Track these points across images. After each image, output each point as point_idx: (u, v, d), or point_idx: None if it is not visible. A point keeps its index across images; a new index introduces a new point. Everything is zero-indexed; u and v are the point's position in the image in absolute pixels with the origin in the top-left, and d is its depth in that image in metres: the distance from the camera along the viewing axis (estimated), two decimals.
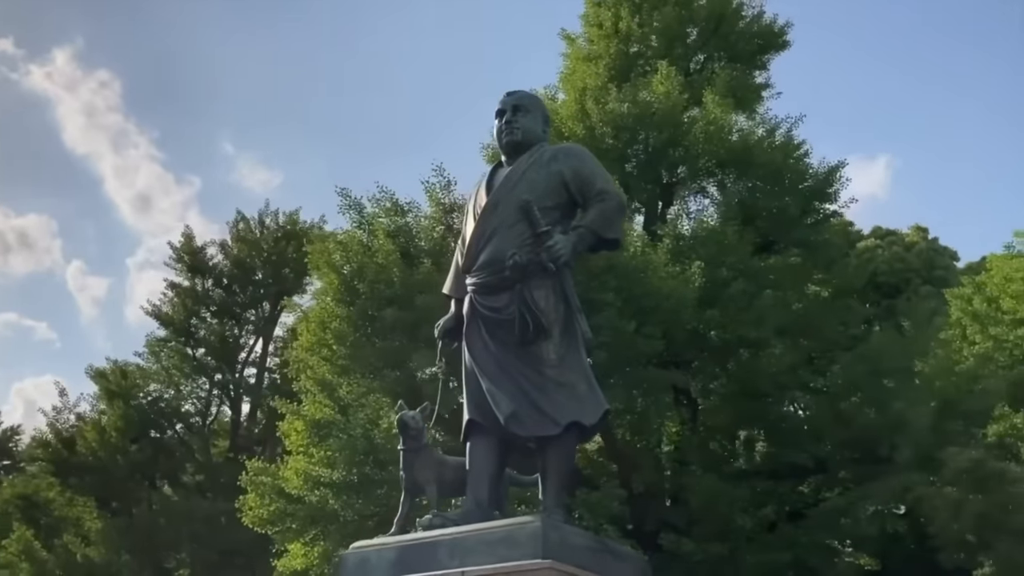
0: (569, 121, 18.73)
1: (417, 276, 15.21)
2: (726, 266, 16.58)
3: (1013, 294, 23.06)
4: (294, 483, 15.04)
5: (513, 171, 6.66)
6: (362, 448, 14.46)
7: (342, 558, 6.27)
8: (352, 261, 16.05)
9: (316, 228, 16.80)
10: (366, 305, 15.51)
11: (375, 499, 15.09)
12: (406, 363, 15.17)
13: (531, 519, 5.82)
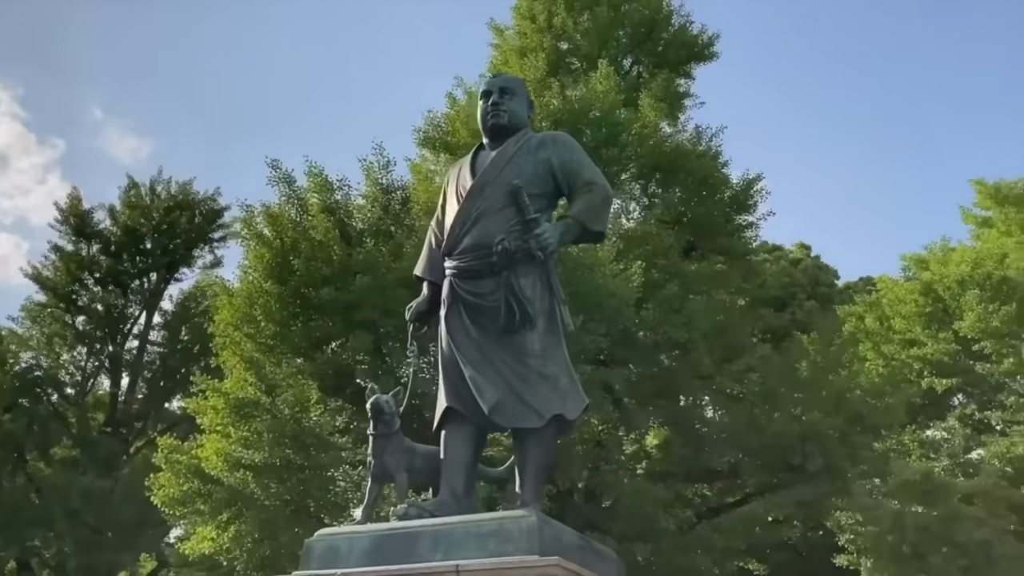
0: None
1: (358, 256, 14.77)
2: (657, 268, 16.77)
3: (905, 315, 24.30)
4: (213, 463, 14.38)
5: (500, 154, 6.49)
6: (290, 431, 13.95)
7: (307, 546, 5.92)
8: (285, 236, 15.45)
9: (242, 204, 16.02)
10: (299, 283, 14.95)
11: (295, 484, 14.64)
12: (339, 345, 14.73)
13: (524, 513, 5.64)
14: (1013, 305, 21.76)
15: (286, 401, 14.00)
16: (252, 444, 14.45)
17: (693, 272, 17.42)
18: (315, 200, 16.17)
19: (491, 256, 6.15)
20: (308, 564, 5.90)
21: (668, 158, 18.77)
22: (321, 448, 14.34)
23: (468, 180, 6.52)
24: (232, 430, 14.91)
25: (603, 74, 18.82)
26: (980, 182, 26.79)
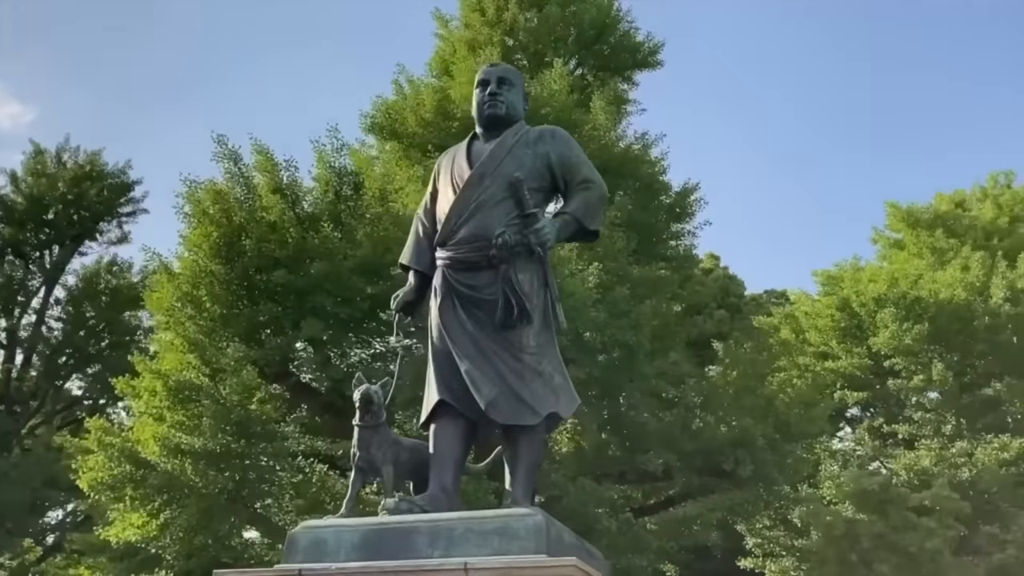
0: (464, 103, 18.39)
1: (312, 241, 14.37)
2: (606, 271, 16.86)
3: (821, 328, 25.14)
4: (151, 448, 13.75)
5: (499, 146, 6.41)
6: (236, 417, 13.45)
7: (290, 538, 5.73)
8: (234, 215, 14.89)
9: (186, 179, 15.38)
10: (249, 265, 14.45)
11: (233, 472, 14.13)
12: (289, 331, 14.30)
13: (529, 511, 5.55)
14: (925, 324, 22.75)
15: (232, 387, 13.48)
16: (191, 429, 13.88)
17: (637, 276, 17.58)
18: (264, 180, 15.67)
19: (489, 248, 6.07)
20: (292, 557, 5.69)
21: (616, 161, 18.90)
22: (265, 437, 13.87)
23: (465, 170, 6.40)
24: (168, 414, 14.30)
25: (558, 73, 18.85)
26: (894, 205, 28.00)
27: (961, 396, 22.77)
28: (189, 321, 14.38)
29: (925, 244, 25.63)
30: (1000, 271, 23.49)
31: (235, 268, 14.55)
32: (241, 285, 14.66)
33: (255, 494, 14.70)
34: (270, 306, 14.44)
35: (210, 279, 14.62)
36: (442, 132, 18.60)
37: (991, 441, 20.77)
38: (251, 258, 14.36)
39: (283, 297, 14.49)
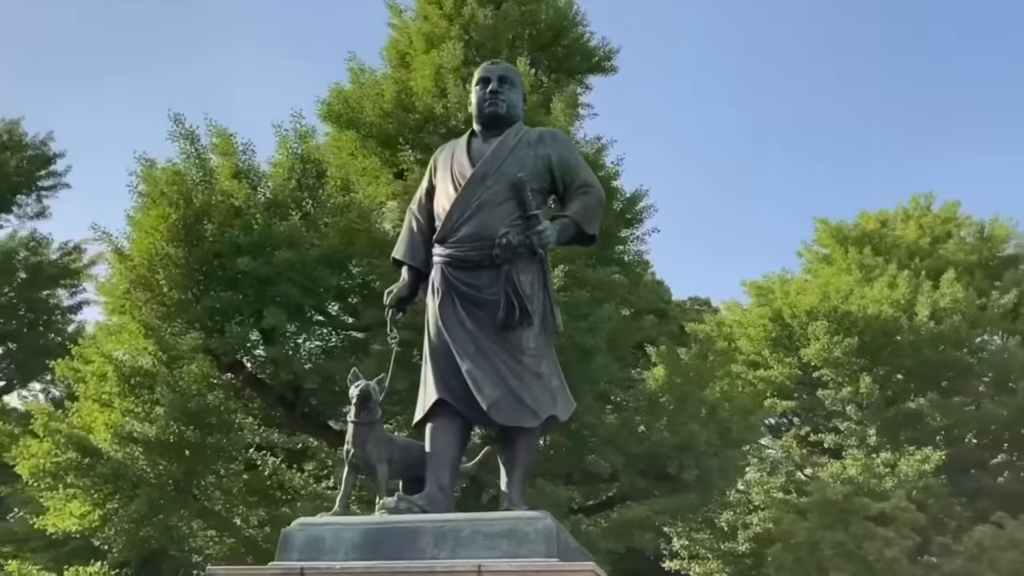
0: (426, 96, 18.21)
1: (278, 228, 14.00)
2: (566, 274, 16.91)
3: (753, 338, 25.74)
4: (102, 435, 13.18)
5: (501, 145, 6.39)
6: (195, 407, 13.02)
7: (284, 535, 5.60)
8: (194, 197, 14.40)
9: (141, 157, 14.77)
10: (211, 250, 13.99)
11: (185, 463, 13.68)
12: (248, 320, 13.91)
13: (538, 514, 5.56)
14: (855, 339, 23.52)
15: (190, 375, 13.03)
16: (142, 417, 13.37)
17: (595, 279, 17.68)
18: (223, 163, 15.21)
19: (491, 248, 6.04)
20: (287, 555, 5.56)
21: None
22: (220, 428, 13.45)
23: (466, 167, 6.36)
24: (118, 400, 13.75)
25: (522, 72, 18.81)
26: (824, 221, 28.87)
27: (886, 409, 23.61)
28: (145, 305, 13.83)
29: (853, 260, 26.48)
30: (925, 290, 24.43)
31: (195, 253, 14.06)
32: (200, 270, 14.17)
33: (205, 486, 14.27)
34: (230, 293, 14.00)
35: (167, 263, 14.10)
36: (401, 123, 18.39)
37: (914, 453, 21.59)
38: (213, 243, 13.88)
39: (244, 285, 14.07)
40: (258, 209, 14.08)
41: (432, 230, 6.54)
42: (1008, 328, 24.97)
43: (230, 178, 14.90)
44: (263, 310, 13.83)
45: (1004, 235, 28.25)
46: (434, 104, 17.92)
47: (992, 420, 22.90)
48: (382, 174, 17.28)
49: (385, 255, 14.61)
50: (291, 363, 13.84)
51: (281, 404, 14.98)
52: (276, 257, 13.63)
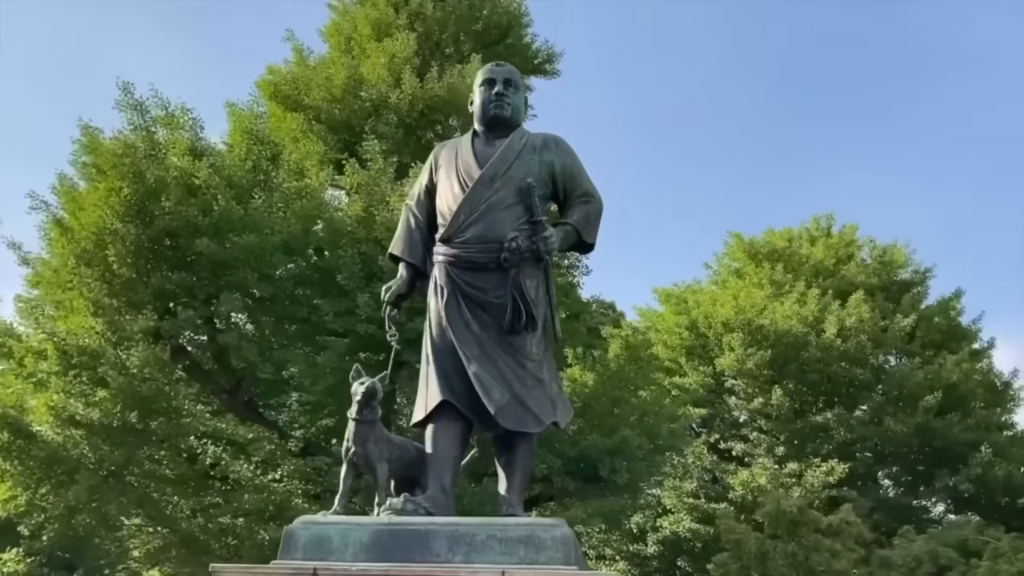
0: (380, 85, 17.91)
1: (239, 211, 13.51)
2: None
3: (670, 345, 26.33)
4: (41, 417, 12.45)
5: (508, 148, 6.42)
6: (147, 391, 12.45)
7: (288, 533, 5.48)
8: (148, 172, 13.74)
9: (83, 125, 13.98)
10: (165, 228, 13.39)
11: (127, 450, 13.09)
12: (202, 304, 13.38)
13: (554, 522, 5.62)
14: (768, 352, 24.34)
15: (143, 358, 12.45)
16: (83, 399, 12.71)
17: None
18: (178, 139, 14.56)
19: (499, 251, 6.05)
20: (291, 553, 5.45)
21: None
22: (166, 415, 12.91)
23: (473, 167, 6.36)
24: (55, 380, 13.03)
25: (473, 69, 18.72)
26: (738, 236, 29.75)
27: (794, 421, 24.53)
28: (94, 283, 13.12)
29: (765, 276, 27.37)
30: (833, 309, 25.47)
31: (146, 231, 13.43)
32: (151, 249, 13.55)
33: (142, 473, 13.68)
34: (182, 275, 13.44)
35: (116, 240, 13.42)
36: (351, 110, 18.03)
37: (819, 465, 22.52)
38: (170, 221, 13.29)
39: (198, 267, 13.53)
40: (219, 189, 13.53)
41: (431, 228, 6.51)
42: (905, 349, 26.25)
43: (183, 155, 14.29)
44: (218, 295, 13.34)
45: (901, 260, 29.69)
46: (388, 93, 17.66)
47: (891, 436, 24.07)
48: (327, 160, 16.86)
49: (342, 245, 14.45)
50: (243, 351, 13.39)
51: (224, 392, 14.48)
52: (239, 241, 13.15)
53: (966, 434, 23.98)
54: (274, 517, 13.45)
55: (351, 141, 18.24)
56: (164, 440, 13.19)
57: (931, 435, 23.87)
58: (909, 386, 24.54)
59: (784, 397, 23.92)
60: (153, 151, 14.39)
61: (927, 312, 27.74)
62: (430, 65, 18.77)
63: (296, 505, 13.31)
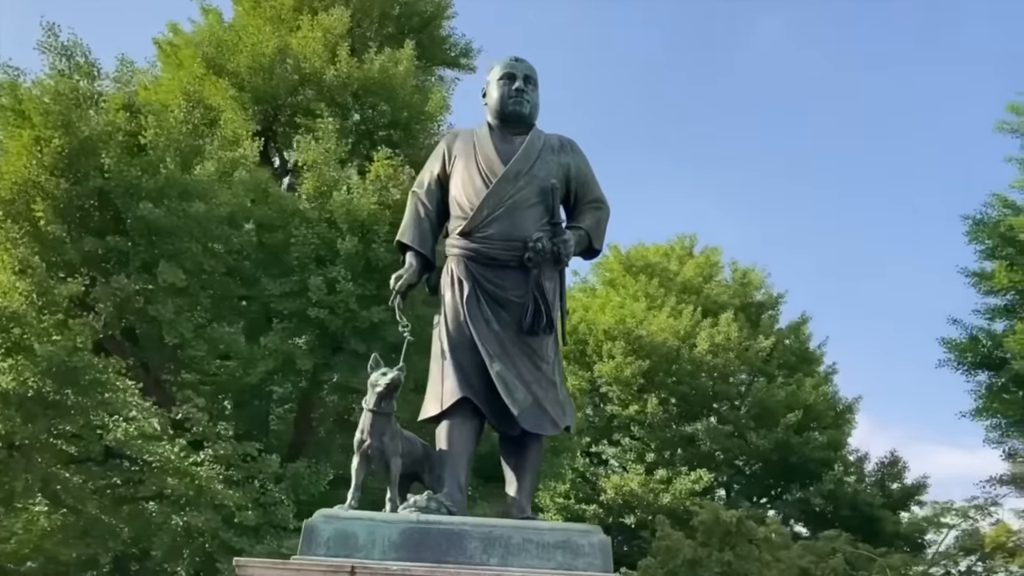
0: (315, 59, 17.22)
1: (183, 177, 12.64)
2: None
3: None
4: None
5: (530, 147, 6.42)
6: (78, 362, 11.46)
7: (309, 527, 5.33)
8: (82, 124, 12.64)
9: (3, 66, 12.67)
10: (100, 187, 12.36)
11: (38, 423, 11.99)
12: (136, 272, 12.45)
13: (589, 528, 5.75)
14: (646, 362, 25.13)
15: (75, 326, 11.43)
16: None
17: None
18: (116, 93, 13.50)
19: (523, 250, 6.04)
20: (312, 548, 5.29)
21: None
22: (91, 389, 11.91)
23: (495, 162, 6.33)
24: None
25: (407, 55, 18.37)
26: (615, 248, 30.54)
27: (664, 429, 25.40)
28: (21, 240, 11.93)
29: (641, 289, 28.22)
30: (705, 326, 26.60)
31: (78, 188, 12.35)
32: (82, 208, 12.48)
33: (47, 447, 12.57)
34: (117, 239, 12.45)
35: (42, 194, 12.28)
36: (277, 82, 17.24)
37: (688, 473, 23.45)
38: (107, 180, 12.27)
39: (135, 233, 12.57)
40: (167, 152, 12.61)
41: (441, 218, 6.44)
42: (763, 369, 27.70)
43: (118, 110, 13.25)
44: (155, 263, 12.45)
45: (758, 283, 31.34)
46: (324, 69, 17.03)
47: (753, 450, 25.36)
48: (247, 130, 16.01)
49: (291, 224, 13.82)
50: (177, 325, 12.55)
51: (143, 368, 13.55)
52: (187, 209, 12.32)
53: (819, 452, 25.58)
54: (192, 503, 12.69)
55: (275, 115, 17.50)
56: (80, 415, 12.17)
57: (789, 450, 25.31)
58: (771, 404, 25.92)
59: (658, 406, 24.73)
60: (82, 102, 13.27)
61: (782, 334, 29.38)
62: (368, 46, 18.22)
63: (217, 491, 12.61)
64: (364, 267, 13.25)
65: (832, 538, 18.34)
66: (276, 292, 12.94)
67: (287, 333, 12.89)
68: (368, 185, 13.71)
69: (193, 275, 12.78)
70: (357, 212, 13.20)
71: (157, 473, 12.66)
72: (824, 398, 27.23)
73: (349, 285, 12.68)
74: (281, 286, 13.00)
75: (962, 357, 19.57)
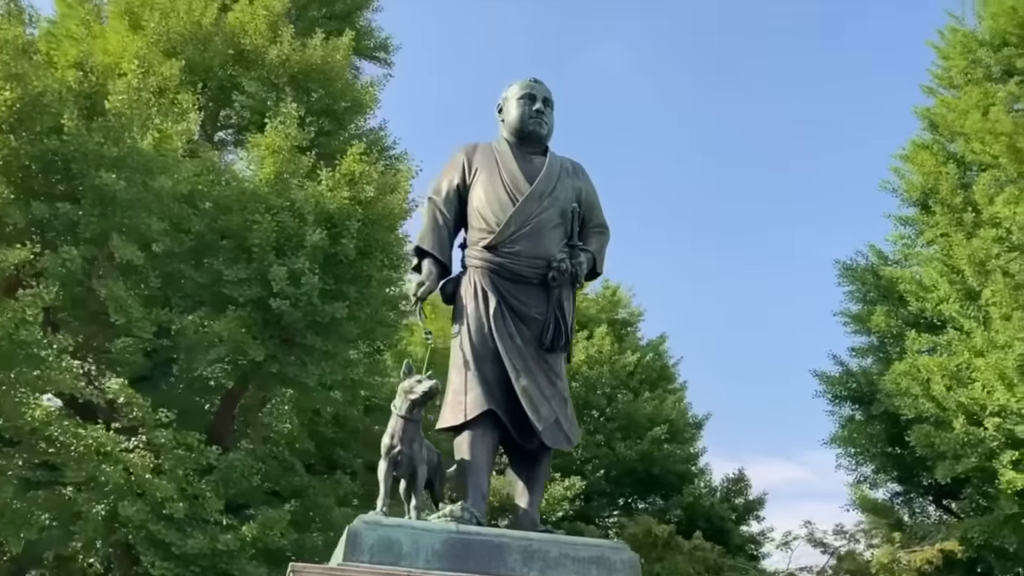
0: (256, 36, 16.61)
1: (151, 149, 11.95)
2: None
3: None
4: None
5: (550, 169, 6.68)
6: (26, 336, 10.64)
7: (352, 533, 5.41)
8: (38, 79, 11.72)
9: None
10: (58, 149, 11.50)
11: None
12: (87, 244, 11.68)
13: (619, 544, 6.22)
14: None
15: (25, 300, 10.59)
16: None
17: None
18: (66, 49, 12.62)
19: (547, 269, 6.29)
20: (356, 554, 5.39)
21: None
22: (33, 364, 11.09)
23: (520, 179, 6.56)
24: None
25: (345, 43, 18.04)
26: None
27: None
28: None
29: None
30: (581, 338, 27.33)
31: (32, 148, 11.47)
32: (28, 169, 11.59)
33: None
34: (70, 207, 11.64)
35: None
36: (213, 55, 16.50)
37: (561, 480, 23.99)
38: (63, 143, 11.44)
39: (87, 203, 11.78)
40: (133, 120, 11.86)
41: (457, 227, 6.67)
42: (626, 383, 28.70)
43: (69, 68, 12.39)
44: (106, 236, 11.72)
45: (625, 300, 32.42)
46: (267, 48, 16.45)
47: (619, 461, 26.26)
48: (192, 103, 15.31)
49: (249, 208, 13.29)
50: (125, 304, 11.87)
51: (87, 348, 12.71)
52: (151, 183, 11.67)
53: (679, 465, 26.81)
54: (120, 492, 12.04)
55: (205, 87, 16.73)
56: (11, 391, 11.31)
57: (652, 463, 26.36)
58: (637, 417, 26.92)
59: None
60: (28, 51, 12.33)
61: (644, 350, 30.55)
62: (314, 31, 17.75)
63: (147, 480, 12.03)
64: (326, 261, 12.97)
65: (703, 549, 19.33)
66: (232, 278, 12.47)
67: (240, 321, 12.45)
68: (339, 177, 13.42)
69: (149, 252, 12.11)
70: (325, 204, 12.91)
71: (79, 459, 11.93)
72: (681, 415, 28.50)
73: (315, 279, 12.39)
74: (237, 272, 12.54)
75: (832, 389, 21.16)
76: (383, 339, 14.99)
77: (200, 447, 12.48)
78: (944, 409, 16.73)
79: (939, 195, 19.26)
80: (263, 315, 12.64)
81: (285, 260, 12.37)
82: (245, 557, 12.72)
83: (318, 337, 12.86)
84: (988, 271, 16.85)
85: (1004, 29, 20.87)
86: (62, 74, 12.36)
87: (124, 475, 11.93)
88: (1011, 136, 18.21)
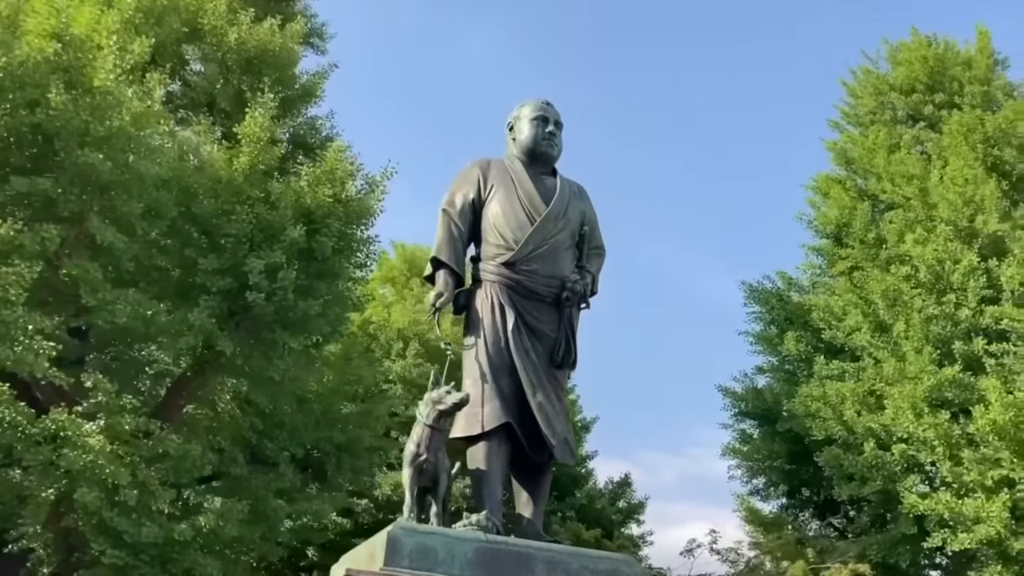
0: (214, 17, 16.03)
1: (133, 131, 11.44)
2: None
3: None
4: None
5: (562, 191, 6.95)
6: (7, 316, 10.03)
7: (390, 539, 5.56)
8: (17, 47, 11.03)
9: None
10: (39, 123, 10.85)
11: None
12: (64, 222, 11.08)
13: (628, 558, 6.45)
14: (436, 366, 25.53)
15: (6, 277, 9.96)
16: None
17: None
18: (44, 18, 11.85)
19: (560, 288, 6.58)
20: (395, 560, 5.59)
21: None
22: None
23: (537, 200, 6.82)
24: None
25: (296, 30, 17.65)
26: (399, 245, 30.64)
27: None
28: None
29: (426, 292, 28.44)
30: None
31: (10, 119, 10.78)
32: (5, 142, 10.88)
33: None
34: (47, 180, 10.99)
35: None
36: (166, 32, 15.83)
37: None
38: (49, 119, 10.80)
39: (66, 181, 11.16)
40: (120, 99, 11.30)
41: (470, 240, 6.97)
42: None
43: (46, 38, 11.69)
44: (83, 215, 11.16)
45: None
46: (226, 29, 15.90)
47: None
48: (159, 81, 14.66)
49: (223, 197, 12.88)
50: (97, 286, 11.34)
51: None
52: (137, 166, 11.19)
53: (572, 468, 27.44)
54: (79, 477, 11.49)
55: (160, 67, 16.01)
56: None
57: None
58: None
59: None
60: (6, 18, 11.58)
61: None
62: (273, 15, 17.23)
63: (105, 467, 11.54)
64: (300, 256, 12.76)
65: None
66: (208, 268, 12.10)
67: (210, 311, 12.10)
68: (320, 175, 13.18)
69: (127, 235, 11.59)
70: (304, 199, 12.69)
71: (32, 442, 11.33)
72: (572, 417, 29.22)
73: (292, 274, 12.19)
74: (212, 262, 12.18)
75: (736, 404, 22.20)
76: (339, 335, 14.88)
77: (159, 434, 12.08)
78: (853, 433, 17.82)
79: (853, 230, 20.44)
80: (230, 305, 12.33)
81: (260, 253, 12.12)
82: (195, 548, 12.43)
83: (285, 332, 12.66)
84: (900, 305, 18.01)
85: (915, 76, 22.36)
86: (40, 44, 11.66)
87: (84, 460, 11.41)
88: (921, 179, 19.57)
